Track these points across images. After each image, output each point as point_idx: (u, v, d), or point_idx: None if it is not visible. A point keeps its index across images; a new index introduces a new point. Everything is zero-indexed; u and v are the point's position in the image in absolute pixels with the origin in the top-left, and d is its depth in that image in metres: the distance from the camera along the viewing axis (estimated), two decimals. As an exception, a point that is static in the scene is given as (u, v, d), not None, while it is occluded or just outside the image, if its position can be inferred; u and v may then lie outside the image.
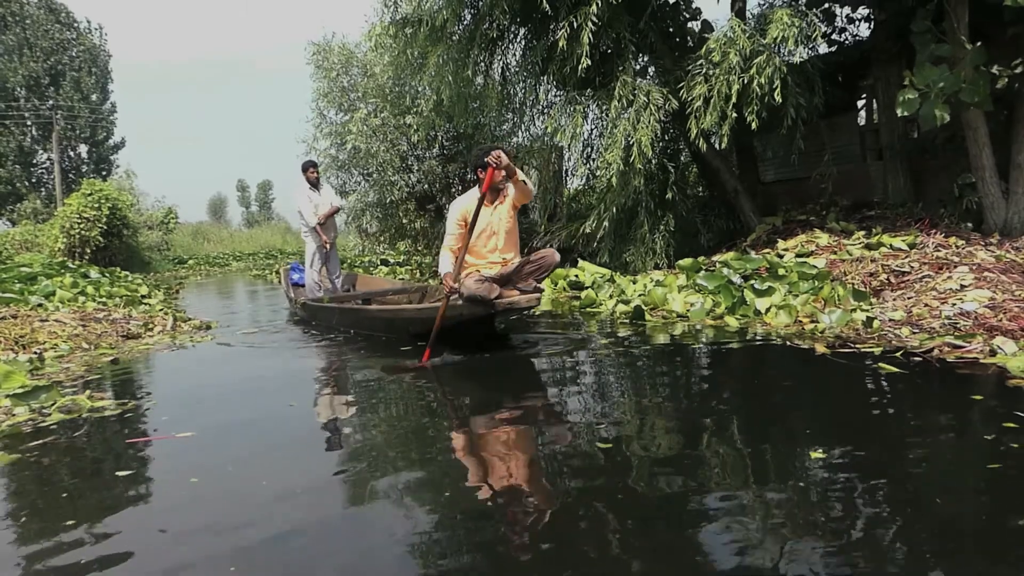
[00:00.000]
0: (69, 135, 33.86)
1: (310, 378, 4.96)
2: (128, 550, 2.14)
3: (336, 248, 8.62)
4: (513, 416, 3.55)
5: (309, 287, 8.30)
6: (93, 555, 2.10)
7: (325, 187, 8.35)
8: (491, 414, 3.69)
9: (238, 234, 40.09)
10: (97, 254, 17.49)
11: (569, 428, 3.29)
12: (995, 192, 6.60)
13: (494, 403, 3.98)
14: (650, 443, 3.04)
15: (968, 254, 5.74)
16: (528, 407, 3.77)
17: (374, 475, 2.73)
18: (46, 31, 32.96)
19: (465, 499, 2.45)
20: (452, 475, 2.72)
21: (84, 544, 2.18)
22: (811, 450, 2.71)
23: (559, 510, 2.31)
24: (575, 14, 7.14)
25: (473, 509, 2.35)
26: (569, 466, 2.75)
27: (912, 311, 4.81)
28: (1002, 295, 4.68)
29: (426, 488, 2.59)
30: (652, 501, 2.38)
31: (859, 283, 5.63)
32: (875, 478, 2.43)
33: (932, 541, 1.98)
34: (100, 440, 3.40)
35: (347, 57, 14.85)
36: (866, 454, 2.67)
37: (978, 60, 6.05)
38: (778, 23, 6.44)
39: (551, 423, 3.44)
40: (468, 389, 4.42)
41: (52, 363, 5.23)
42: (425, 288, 7.50)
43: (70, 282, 9.38)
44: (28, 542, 2.24)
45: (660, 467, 2.70)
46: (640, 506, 2.32)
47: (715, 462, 2.71)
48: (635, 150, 7.27)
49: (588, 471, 2.66)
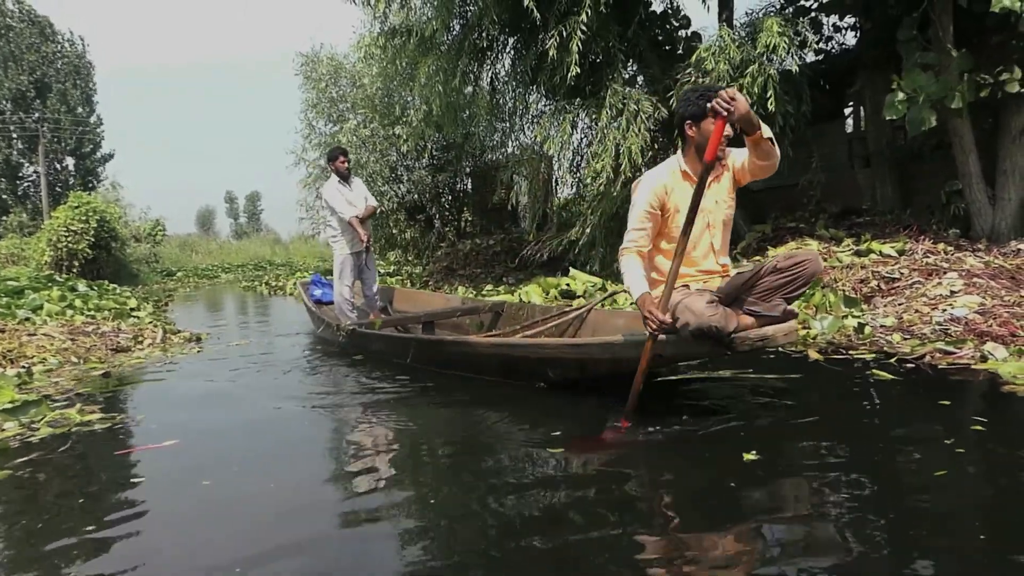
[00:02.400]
0: (55, 148, 33.70)
1: (399, 446, 3.34)
2: (116, 564, 2.11)
3: (373, 255, 7.11)
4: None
5: (339, 305, 6.72)
6: (82, 570, 2.08)
7: (356, 181, 6.89)
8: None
9: (227, 246, 39.88)
10: (85, 267, 17.34)
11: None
12: (982, 198, 6.66)
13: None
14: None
15: (957, 260, 5.78)
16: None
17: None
18: (30, 44, 32.85)
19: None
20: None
21: (73, 560, 2.15)
22: (808, 456, 2.72)
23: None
24: (564, 23, 7.17)
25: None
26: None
27: (903, 317, 4.84)
28: (991, 300, 4.72)
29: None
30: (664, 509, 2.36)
31: (850, 290, 5.66)
32: (870, 483, 2.43)
33: (926, 548, 1.98)
34: (88, 454, 3.36)
35: (336, 68, 14.88)
36: (862, 458, 2.68)
37: (963, 67, 6.12)
38: (768, 32, 6.49)
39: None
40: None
41: (41, 377, 5.18)
42: (501, 305, 6.18)
43: (58, 295, 9.29)
44: (15, 559, 2.21)
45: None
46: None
47: (712, 467, 2.70)
48: (625, 159, 7.30)
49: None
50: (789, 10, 7.77)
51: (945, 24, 6.27)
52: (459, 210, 15.24)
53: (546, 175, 11.87)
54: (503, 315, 6.04)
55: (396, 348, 5.39)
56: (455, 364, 4.73)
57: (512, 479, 2.73)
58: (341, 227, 6.58)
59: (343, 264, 6.64)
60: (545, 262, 10.09)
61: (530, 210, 11.90)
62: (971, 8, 6.05)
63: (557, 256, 9.94)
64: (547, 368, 3.95)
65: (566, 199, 13.02)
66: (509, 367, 4.26)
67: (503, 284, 10.32)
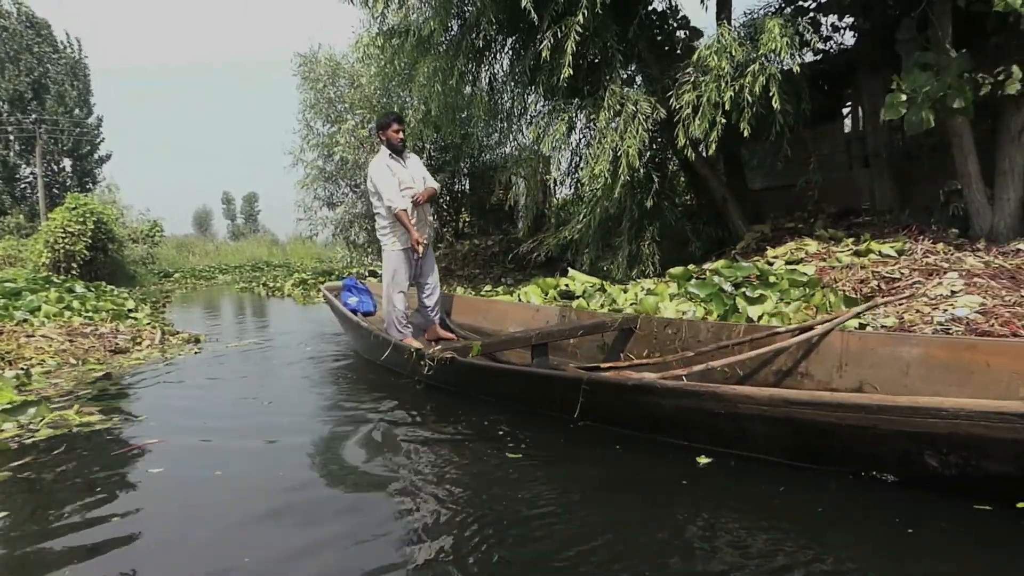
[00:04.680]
0: (52, 149, 33.66)
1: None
2: (115, 563, 2.10)
3: (432, 253, 5.75)
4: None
5: (388, 318, 5.40)
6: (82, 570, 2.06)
7: (413, 158, 5.66)
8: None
9: (224, 247, 39.88)
10: (82, 268, 17.31)
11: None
12: (981, 199, 6.65)
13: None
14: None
15: (957, 260, 5.78)
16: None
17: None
18: (27, 46, 32.82)
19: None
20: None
21: (73, 560, 2.14)
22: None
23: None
24: (560, 24, 7.16)
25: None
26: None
27: (904, 317, 4.84)
28: (992, 301, 4.71)
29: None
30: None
31: (850, 290, 5.65)
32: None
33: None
34: (87, 455, 3.35)
35: (334, 68, 14.87)
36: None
37: (962, 67, 6.12)
38: (769, 32, 6.48)
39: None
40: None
41: (39, 379, 5.17)
42: (635, 320, 4.83)
43: (55, 297, 9.26)
44: (15, 559, 2.20)
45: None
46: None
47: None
48: (623, 159, 7.29)
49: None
50: (788, 10, 7.77)
51: (944, 24, 6.26)
52: (457, 211, 15.25)
53: (543, 176, 11.88)
54: (637, 333, 4.72)
55: (532, 391, 3.79)
56: (669, 425, 3.04)
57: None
58: (391, 216, 5.33)
59: (395, 264, 5.38)
60: (543, 263, 10.09)
61: (525, 210, 11.89)
62: (970, 9, 6.05)
63: (555, 257, 9.95)
64: (927, 451, 2.33)
65: (564, 199, 13.03)
66: (816, 443, 2.59)
67: (502, 285, 10.32)
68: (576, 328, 4.72)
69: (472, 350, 4.33)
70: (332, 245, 22.10)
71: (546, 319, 5.61)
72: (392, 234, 5.36)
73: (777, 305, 5.58)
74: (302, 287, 16.14)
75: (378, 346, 5.14)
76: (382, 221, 5.42)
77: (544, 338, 4.60)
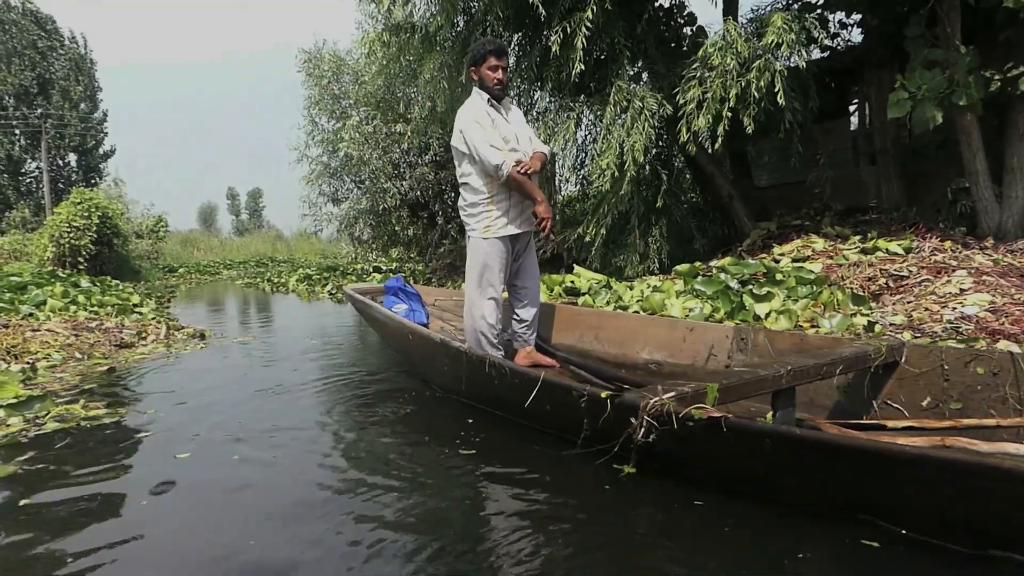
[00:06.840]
0: (58, 144, 33.76)
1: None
2: (126, 554, 2.09)
3: (534, 247, 4.25)
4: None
5: (473, 333, 3.93)
6: (88, 565, 2.06)
7: (514, 110, 4.10)
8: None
9: (228, 242, 40.01)
10: (88, 263, 17.35)
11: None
12: (988, 196, 6.63)
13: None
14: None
15: (966, 258, 5.75)
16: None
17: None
18: (32, 41, 32.91)
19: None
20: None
21: (79, 556, 2.13)
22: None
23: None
24: (569, 20, 7.14)
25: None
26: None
27: (912, 315, 4.81)
28: (1002, 299, 4.69)
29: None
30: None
31: (857, 287, 5.63)
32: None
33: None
34: (94, 449, 3.35)
35: (338, 65, 14.87)
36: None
37: (971, 64, 6.09)
38: (774, 27, 6.46)
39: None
40: None
41: (45, 373, 5.17)
42: (900, 349, 3.21)
43: (61, 291, 9.28)
44: (21, 555, 2.19)
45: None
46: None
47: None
48: (629, 156, 7.27)
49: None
50: (795, 6, 7.74)
51: (953, 20, 6.23)
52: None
53: (550, 172, 11.86)
54: (901, 366, 3.19)
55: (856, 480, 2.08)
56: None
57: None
58: (487, 187, 3.84)
59: (484, 258, 3.88)
60: (548, 259, 10.08)
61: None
62: (979, 5, 6.02)
63: (560, 253, 9.94)
64: None
65: (569, 196, 13.02)
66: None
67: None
68: (834, 363, 2.98)
69: (708, 398, 2.45)
70: (336, 241, 22.15)
71: (711, 342, 3.98)
72: (485, 215, 3.84)
73: (784, 303, 5.56)
74: (307, 283, 16.15)
75: (492, 383, 3.35)
76: (471, 195, 3.90)
77: (795, 378, 2.87)
